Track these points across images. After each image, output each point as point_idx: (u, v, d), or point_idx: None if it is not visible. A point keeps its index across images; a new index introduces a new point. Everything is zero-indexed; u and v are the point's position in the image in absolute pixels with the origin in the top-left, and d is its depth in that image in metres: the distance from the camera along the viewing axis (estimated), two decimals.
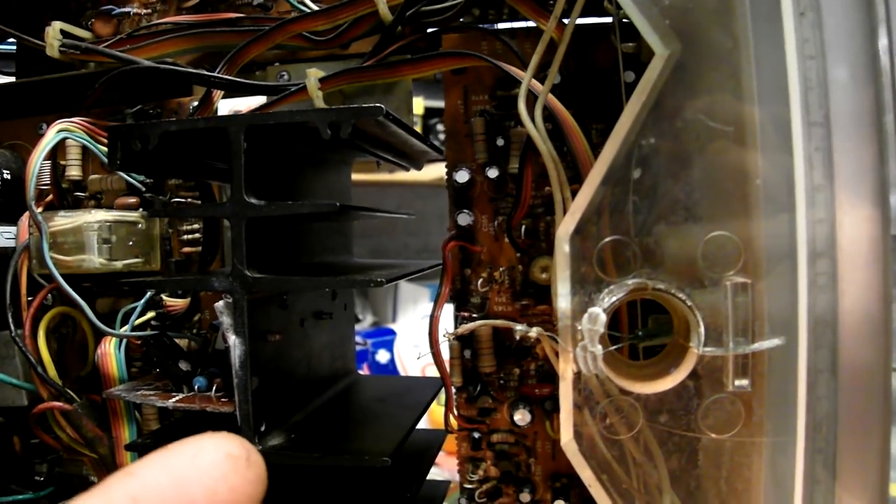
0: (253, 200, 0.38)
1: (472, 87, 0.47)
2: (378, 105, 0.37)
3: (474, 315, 0.48)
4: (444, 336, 0.41)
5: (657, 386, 0.31)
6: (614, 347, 0.31)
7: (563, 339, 0.31)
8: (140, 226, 0.48)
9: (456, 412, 0.50)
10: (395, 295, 1.64)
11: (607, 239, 0.31)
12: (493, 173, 0.46)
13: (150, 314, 0.48)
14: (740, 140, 0.32)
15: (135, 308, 0.48)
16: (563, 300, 0.31)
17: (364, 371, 1.39)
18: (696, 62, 0.32)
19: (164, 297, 0.49)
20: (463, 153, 0.47)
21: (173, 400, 0.41)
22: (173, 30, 0.50)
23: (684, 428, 0.32)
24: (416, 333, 1.51)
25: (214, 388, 0.41)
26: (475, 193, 0.47)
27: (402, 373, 1.41)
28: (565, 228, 0.31)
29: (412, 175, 0.61)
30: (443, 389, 0.49)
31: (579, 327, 0.31)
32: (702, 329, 0.31)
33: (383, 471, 0.39)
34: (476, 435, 0.50)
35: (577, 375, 0.31)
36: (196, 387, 0.41)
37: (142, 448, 0.42)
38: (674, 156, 0.32)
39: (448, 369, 0.49)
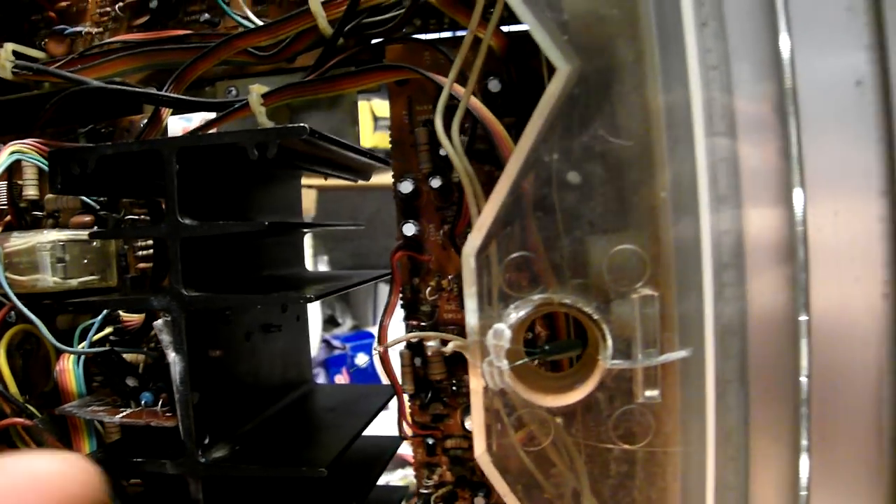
0: (187, 221, 0.39)
1: (416, 97, 0.48)
2: (302, 125, 0.37)
3: (423, 323, 0.49)
4: (374, 349, 0.41)
5: (566, 399, 0.32)
6: (519, 363, 0.31)
7: (472, 355, 0.32)
8: (95, 244, 0.49)
9: (410, 419, 0.50)
10: (374, 298, 1.65)
11: (513, 255, 0.32)
12: (436, 183, 0.46)
13: (109, 329, 0.49)
14: (645, 153, 0.32)
15: (93, 324, 0.49)
16: (471, 316, 0.32)
17: (343, 376, 1.39)
18: (598, 75, 0.32)
19: (121, 312, 0.49)
20: (409, 163, 0.48)
21: (120, 415, 0.42)
22: (123, 48, 0.50)
23: (596, 439, 0.32)
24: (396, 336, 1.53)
25: (160, 402, 0.42)
26: (422, 203, 0.48)
27: (381, 375, 1.42)
28: (471, 244, 0.32)
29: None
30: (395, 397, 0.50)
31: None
32: (609, 342, 0.31)
33: (328, 480, 0.40)
34: (430, 441, 0.51)
35: (487, 389, 0.32)
36: (143, 402, 0.42)
37: (96, 461, 0.43)
38: (578, 170, 0.32)
39: (399, 377, 0.49)
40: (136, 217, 0.50)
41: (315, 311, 1.40)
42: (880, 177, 0.29)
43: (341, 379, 1.39)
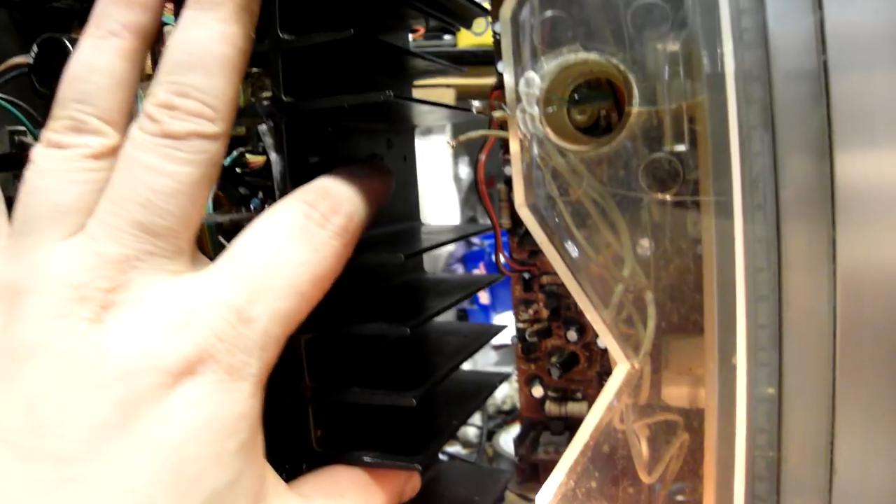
0: (286, 36, 0.44)
1: None
2: None
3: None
4: (447, 143, 0.44)
5: (597, 145, 0.34)
6: (550, 109, 0.34)
7: (510, 111, 0.35)
8: None
9: (508, 255, 0.54)
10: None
11: (546, 14, 0.34)
12: None
13: (237, 171, 0.55)
14: None
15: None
16: (507, 74, 0.35)
17: (480, 269, 1.43)
18: None
19: (247, 155, 0.56)
20: None
21: (229, 216, 0.48)
22: None
23: (626, 188, 0.34)
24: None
25: (266, 206, 0.48)
26: None
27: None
28: (507, 7, 0.35)
29: None
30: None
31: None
32: (635, 89, 0.33)
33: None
34: (527, 276, 0.54)
35: (522, 141, 0.35)
36: (252, 207, 0.48)
37: None
38: None
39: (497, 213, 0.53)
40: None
41: (455, 212, 1.46)
42: None
43: (479, 272, 1.44)
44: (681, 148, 0.34)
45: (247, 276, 0.34)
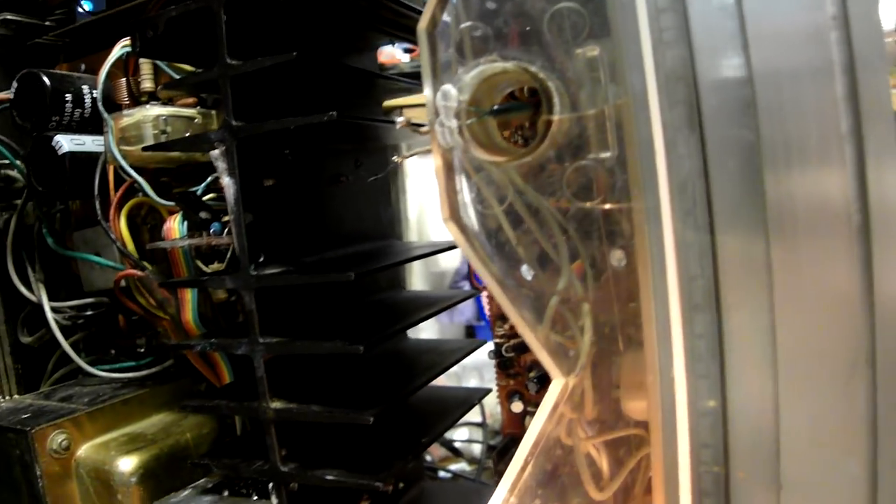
0: (233, 62, 0.44)
1: None
2: None
3: None
4: (394, 159, 0.43)
5: (517, 154, 0.33)
6: (469, 121, 0.33)
7: (430, 125, 0.34)
8: (196, 120, 0.56)
9: None
10: None
11: (462, 26, 0.34)
12: None
13: (211, 195, 0.55)
14: None
15: (196, 191, 0.55)
16: (427, 88, 0.34)
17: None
18: None
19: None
20: None
21: (189, 241, 0.48)
22: None
23: (553, 197, 0.33)
24: None
25: (226, 230, 0.48)
26: None
27: None
28: (423, 22, 0.34)
29: None
30: None
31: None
32: (555, 97, 0.32)
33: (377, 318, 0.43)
34: None
35: (444, 152, 0.34)
36: (212, 231, 0.48)
37: (171, 285, 0.49)
38: None
39: None
40: None
41: None
42: None
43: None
44: (606, 154, 0.32)
45: None
